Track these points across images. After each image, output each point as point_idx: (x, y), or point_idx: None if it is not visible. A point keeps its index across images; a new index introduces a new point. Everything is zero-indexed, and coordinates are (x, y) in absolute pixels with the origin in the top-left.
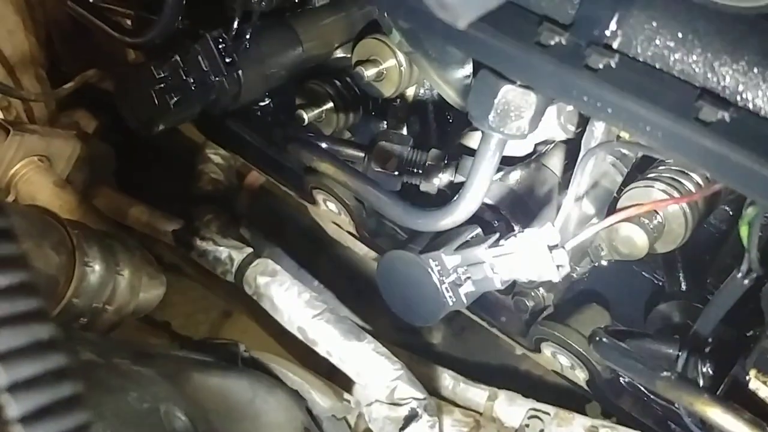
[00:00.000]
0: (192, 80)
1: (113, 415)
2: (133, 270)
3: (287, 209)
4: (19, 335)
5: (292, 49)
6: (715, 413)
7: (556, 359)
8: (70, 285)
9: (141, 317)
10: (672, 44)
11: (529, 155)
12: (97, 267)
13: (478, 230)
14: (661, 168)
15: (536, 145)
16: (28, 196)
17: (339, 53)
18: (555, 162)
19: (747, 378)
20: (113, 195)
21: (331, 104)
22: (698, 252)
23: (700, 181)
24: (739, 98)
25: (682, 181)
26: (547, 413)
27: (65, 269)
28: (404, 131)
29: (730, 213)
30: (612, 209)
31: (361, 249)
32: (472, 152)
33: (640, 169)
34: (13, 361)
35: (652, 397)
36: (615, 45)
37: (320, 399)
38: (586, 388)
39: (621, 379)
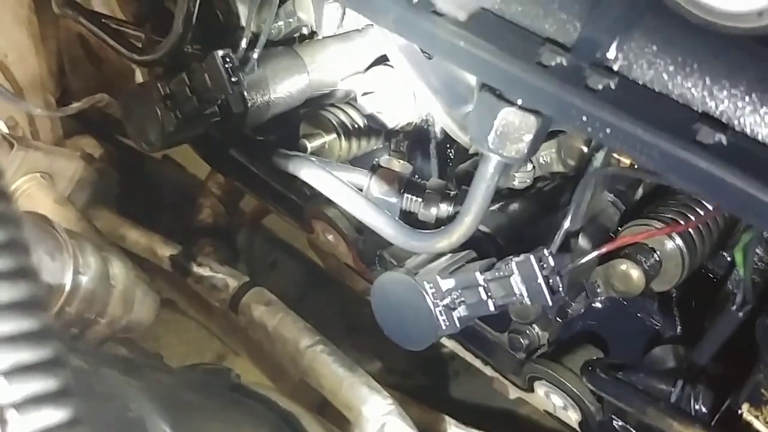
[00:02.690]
0: (197, 98)
1: (96, 421)
2: (128, 284)
3: (286, 246)
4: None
5: (298, 75)
6: None
7: (549, 399)
8: (62, 292)
9: (134, 351)
10: (671, 68)
11: (529, 188)
12: (90, 277)
13: (474, 254)
14: (660, 208)
15: (536, 178)
16: None
17: (344, 84)
18: (554, 196)
19: (740, 412)
20: (113, 217)
21: (334, 135)
22: (695, 296)
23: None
24: (736, 122)
25: (680, 221)
26: None
27: (59, 276)
28: (406, 160)
29: (728, 258)
30: None
31: (357, 286)
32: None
33: (638, 211)
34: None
35: None
36: (615, 67)
37: (310, 429)
38: (578, 430)
39: (614, 422)
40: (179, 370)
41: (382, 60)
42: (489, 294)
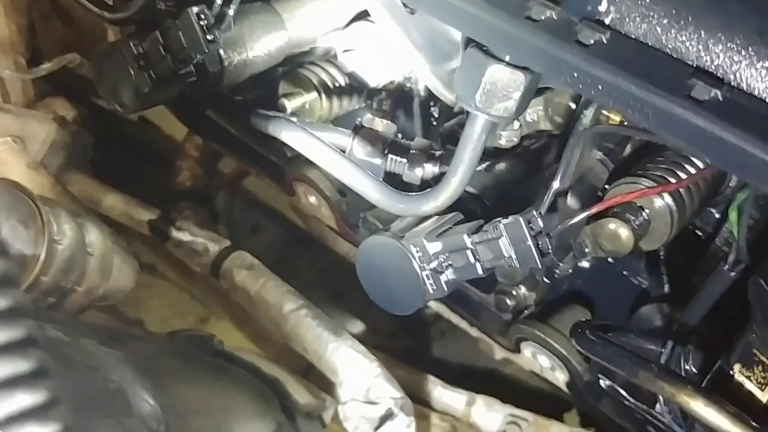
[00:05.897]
0: (171, 57)
1: (77, 393)
2: (105, 251)
3: (267, 207)
4: None
5: (276, 32)
6: (699, 405)
7: (536, 360)
8: (37, 261)
9: (114, 315)
10: (665, 21)
11: (515, 147)
12: (66, 245)
13: (461, 217)
14: (648, 165)
15: (523, 137)
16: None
17: (324, 41)
18: (541, 154)
19: (731, 372)
20: (88, 182)
21: (315, 94)
22: (682, 254)
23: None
24: (732, 77)
25: (670, 179)
26: (525, 419)
27: (33, 245)
28: (389, 120)
29: (716, 215)
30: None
31: (341, 248)
32: (456, 143)
33: (626, 168)
34: None
35: (632, 400)
36: (607, 21)
37: (295, 394)
38: (565, 390)
39: (601, 381)
40: (161, 338)
41: (363, 15)
42: (477, 257)
